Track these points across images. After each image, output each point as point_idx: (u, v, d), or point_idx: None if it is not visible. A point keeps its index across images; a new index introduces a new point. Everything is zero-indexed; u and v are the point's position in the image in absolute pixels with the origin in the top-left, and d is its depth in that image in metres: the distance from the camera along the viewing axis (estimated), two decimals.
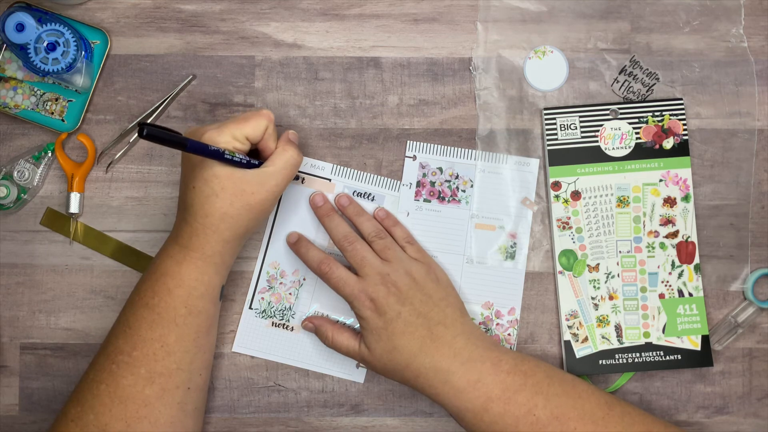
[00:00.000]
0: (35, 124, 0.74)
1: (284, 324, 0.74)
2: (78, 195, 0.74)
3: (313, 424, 0.74)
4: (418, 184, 0.75)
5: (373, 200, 0.74)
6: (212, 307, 0.67)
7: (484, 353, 0.66)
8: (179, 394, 0.65)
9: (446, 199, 0.75)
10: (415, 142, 0.75)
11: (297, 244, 0.73)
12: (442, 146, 0.75)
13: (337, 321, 0.74)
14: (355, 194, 0.75)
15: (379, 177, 0.75)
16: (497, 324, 0.74)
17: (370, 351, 0.68)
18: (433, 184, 0.75)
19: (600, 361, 0.73)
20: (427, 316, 0.67)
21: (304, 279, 0.74)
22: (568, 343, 0.73)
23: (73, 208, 0.73)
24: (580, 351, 0.73)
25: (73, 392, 0.65)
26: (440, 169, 0.75)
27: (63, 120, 0.74)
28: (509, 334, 0.74)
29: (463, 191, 0.75)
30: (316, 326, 0.72)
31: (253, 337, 0.74)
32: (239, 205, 0.64)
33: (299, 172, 0.75)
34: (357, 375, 0.74)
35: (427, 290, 0.69)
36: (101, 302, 0.74)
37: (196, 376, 0.66)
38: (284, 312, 0.74)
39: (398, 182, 0.75)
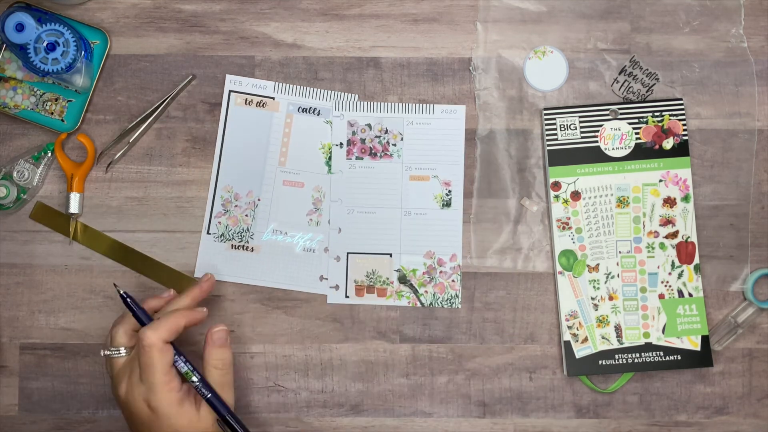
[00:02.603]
0: (35, 124, 0.74)
1: (243, 245, 0.74)
2: (78, 195, 0.74)
3: (313, 424, 0.74)
4: (349, 142, 0.75)
5: (319, 115, 0.74)
6: None
7: None
8: None
9: (378, 154, 0.75)
10: (340, 102, 0.75)
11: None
12: (369, 102, 0.75)
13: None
14: (300, 110, 0.74)
15: (322, 91, 0.75)
16: (441, 272, 0.74)
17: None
18: (363, 141, 0.75)
19: (600, 362, 0.73)
20: None
21: (258, 200, 0.74)
22: (567, 344, 0.73)
23: (73, 208, 0.73)
24: (580, 351, 0.73)
25: None
26: (369, 125, 0.75)
27: (63, 120, 0.74)
28: (453, 281, 0.74)
29: (394, 145, 0.75)
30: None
31: (215, 261, 0.74)
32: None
33: (245, 93, 0.74)
34: (321, 288, 0.74)
35: None
36: (101, 302, 0.74)
37: None
38: (242, 234, 0.74)
39: (346, 94, 0.75)
